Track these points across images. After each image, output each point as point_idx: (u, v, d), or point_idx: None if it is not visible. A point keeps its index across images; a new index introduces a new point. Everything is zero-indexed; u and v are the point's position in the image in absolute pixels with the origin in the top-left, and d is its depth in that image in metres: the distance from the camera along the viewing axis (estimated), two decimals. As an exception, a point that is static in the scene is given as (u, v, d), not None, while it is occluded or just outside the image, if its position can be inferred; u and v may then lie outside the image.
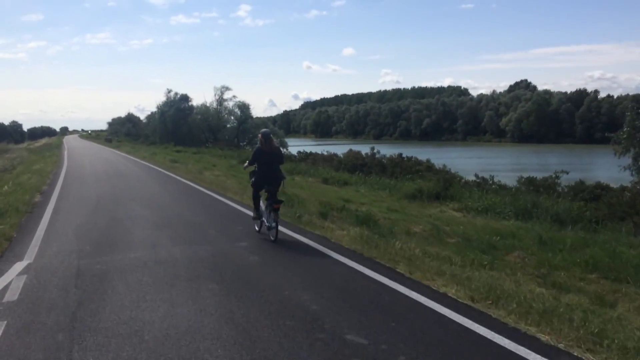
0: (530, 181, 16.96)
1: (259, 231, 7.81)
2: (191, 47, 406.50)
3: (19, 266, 5.93)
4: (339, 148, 38.00)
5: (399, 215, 11.14)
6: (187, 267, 5.82)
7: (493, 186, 17.45)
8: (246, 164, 7.86)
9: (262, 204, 7.67)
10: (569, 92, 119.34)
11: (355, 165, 23.76)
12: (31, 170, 20.17)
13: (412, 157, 24.53)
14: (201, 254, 6.46)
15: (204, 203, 11.28)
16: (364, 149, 28.21)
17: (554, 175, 16.61)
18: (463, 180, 20.25)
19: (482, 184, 17.73)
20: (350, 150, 27.23)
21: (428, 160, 24.10)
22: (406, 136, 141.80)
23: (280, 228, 8.07)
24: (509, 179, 19.07)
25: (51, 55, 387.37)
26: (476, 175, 19.14)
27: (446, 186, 15.90)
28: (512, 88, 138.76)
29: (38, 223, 8.66)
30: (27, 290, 5.02)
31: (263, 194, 7.64)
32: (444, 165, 23.97)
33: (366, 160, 24.57)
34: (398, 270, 5.72)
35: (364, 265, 5.89)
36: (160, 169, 20.81)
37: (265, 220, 7.48)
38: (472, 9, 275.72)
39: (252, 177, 7.68)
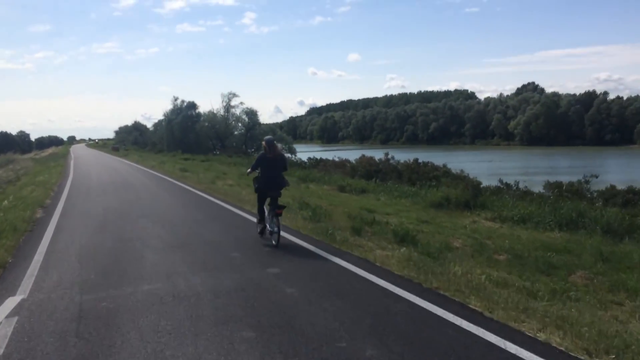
0: (558, 186, 15.92)
1: (261, 235, 7.92)
2: (197, 55, 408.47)
3: (10, 303, 4.93)
4: (347, 154, 37.03)
5: (432, 228, 10.10)
6: (213, 304, 4.77)
7: (517, 192, 16.43)
8: (249, 170, 7.96)
9: (266, 209, 7.85)
10: (577, 94, 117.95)
11: (369, 171, 22.77)
12: (35, 181, 19.30)
13: (428, 162, 23.60)
14: (227, 284, 5.42)
15: (222, 218, 10.25)
16: (374, 154, 27.27)
17: (582, 180, 15.60)
18: (482, 186, 19.24)
19: (506, 190, 16.67)
20: (363, 156, 26.21)
21: (444, 165, 23.16)
22: (413, 141, 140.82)
23: (315, 249, 7.08)
24: (528, 184, 18.07)
25: (58, 65, 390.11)
26: (500, 181, 18.03)
27: (475, 193, 14.78)
28: (519, 91, 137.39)
29: (37, 245, 7.67)
30: (16, 340, 4.00)
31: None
32: (462, 170, 22.91)
33: (380, 166, 23.56)
34: (472, 306, 4.65)
35: (427, 299, 4.82)
36: (170, 179, 19.86)
37: (268, 225, 7.60)
38: (477, 12, 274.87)
39: (256, 184, 7.77)
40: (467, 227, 10.60)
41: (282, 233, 7.46)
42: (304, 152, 54.37)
